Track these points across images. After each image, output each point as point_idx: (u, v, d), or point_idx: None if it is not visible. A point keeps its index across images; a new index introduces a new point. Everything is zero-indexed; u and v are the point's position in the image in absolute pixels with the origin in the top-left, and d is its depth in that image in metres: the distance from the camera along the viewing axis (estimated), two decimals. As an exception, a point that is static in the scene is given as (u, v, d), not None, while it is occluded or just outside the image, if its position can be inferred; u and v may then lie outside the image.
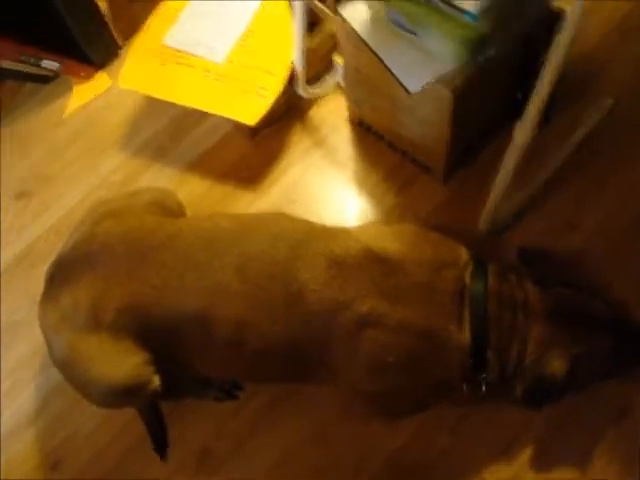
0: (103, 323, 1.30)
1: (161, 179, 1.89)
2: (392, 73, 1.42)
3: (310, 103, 1.93)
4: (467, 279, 1.34)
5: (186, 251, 1.34)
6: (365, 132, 1.87)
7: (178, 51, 1.80)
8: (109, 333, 1.30)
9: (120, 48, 2.11)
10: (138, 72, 1.81)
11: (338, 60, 1.82)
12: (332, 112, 1.94)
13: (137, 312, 1.31)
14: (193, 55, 1.79)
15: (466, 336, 1.29)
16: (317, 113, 1.94)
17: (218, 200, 1.84)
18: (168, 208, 1.54)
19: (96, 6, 1.92)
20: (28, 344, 1.74)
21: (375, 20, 1.49)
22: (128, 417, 1.58)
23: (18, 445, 1.65)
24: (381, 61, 1.44)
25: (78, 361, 1.31)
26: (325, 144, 1.89)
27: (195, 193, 1.83)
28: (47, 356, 1.65)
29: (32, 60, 1.94)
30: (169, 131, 1.97)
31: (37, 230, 1.91)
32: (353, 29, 1.50)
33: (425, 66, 1.41)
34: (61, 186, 1.96)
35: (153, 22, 1.86)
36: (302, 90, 1.83)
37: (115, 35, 2.07)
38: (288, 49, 1.74)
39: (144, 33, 1.85)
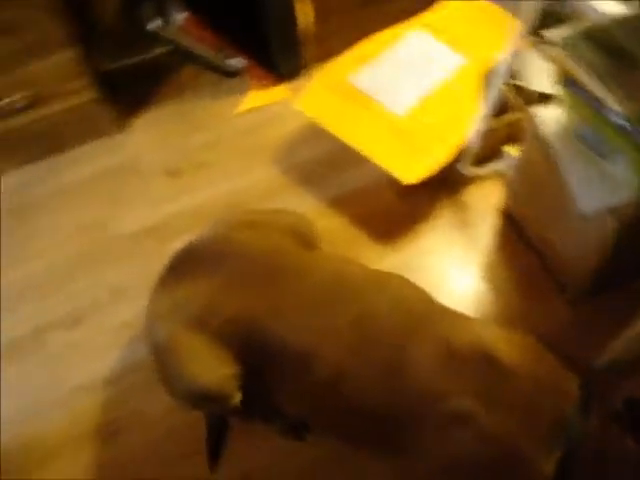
0: (210, 326, 1.31)
1: (302, 204, 1.92)
2: (568, 185, 1.39)
3: (466, 180, 1.92)
4: (569, 411, 1.28)
5: (312, 286, 1.35)
6: (510, 226, 1.84)
7: (361, 92, 1.82)
8: (211, 337, 1.31)
9: (305, 68, 2.16)
10: (317, 100, 1.85)
11: (509, 150, 1.80)
12: (483, 196, 1.92)
13: (245, 328, 1.31)
14: (375, 100, 1.81)
15: (550, 468, 1.23)
16: (469, 192, 1.92)
17: (349, 241, 1.85)
18: (305, 237, 1.54)
19: (294, 24, 1.97)
20: (129, 313, 1.79)
21: (565, 129, 1.47)
22: (194, 416, 1.59)
23: (86, 401, 1.69)
24: (560, 169, 1.42)
25: (174, 353, 1.33)
26: (467, 224, 1.87)
27: (330, 228, 1.84)
28: (140, 330, 1.73)
29: (224, 55, 2.00)
30: (325, 162, 2.00)
31: (175, 208, 1.97)
32: (542, 131, 1.47)
33: (602, 188, 1.38)
34: (210, 176, 2.03)
35: (345, 58, 1.90)
36: (465, 168, 1.83)
37: (305, 55, 2.12)
38: (466, 123, 1.73)
39: (334, 66, 1.89)
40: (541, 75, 1.60)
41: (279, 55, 2.07)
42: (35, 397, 1.71)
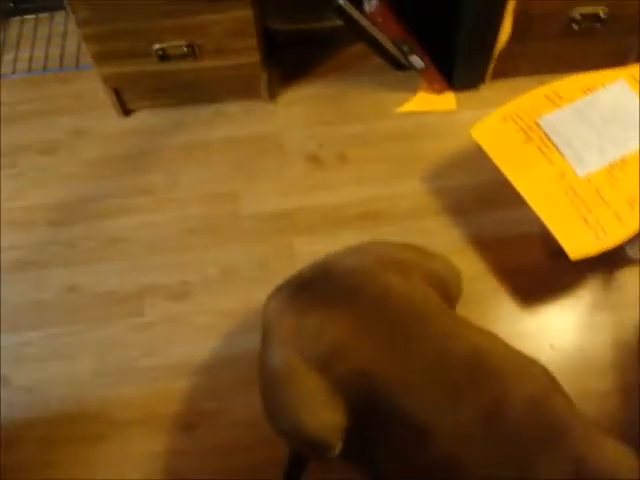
0: (332, 371, 1.23)
1: (443, 236, 1.80)
2: None
3: (629, 262, 1.76)
4: None
5: (449, 360, 1.24)
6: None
7: (547, 138, 1.67)
8: (330, 382, 1.24)
9: (483, 83, 2.02)
10: (495, 131, 1.71)
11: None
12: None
13: (368, 383, 1.23)
14: (558, 151, 1.66)
15: None
16: (628, 275, 1.76)
17: (485, 292, 1.74)
18: (450, 291, 1.44)
19: (494, 40, 1.83)
20: (235, 300, 1.74)
21: None
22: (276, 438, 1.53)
23: (169, 382, 1.65)
24: None
25: (287, 386, 1.26)
26: (615, 309, 1.72)
27: (468, 272, 1.69)
28: (245, 324, 1.68)
29: (404, 48, 1.87)
30: (480, 195, 1.87)
31: (307, 201, 1.88)
32: None
33: None
34: (351, 174, 1.93)
35: (537, 95, 1.74)
36: (633, 250, 1.68)
37: (490, 71, 1.97)
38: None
39: (523, 101, 1.73)
40: None
41: (462, 65, 1.93)
42: (119, 364, 1.67)
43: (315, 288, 1.34)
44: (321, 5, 1.86)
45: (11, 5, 2.37)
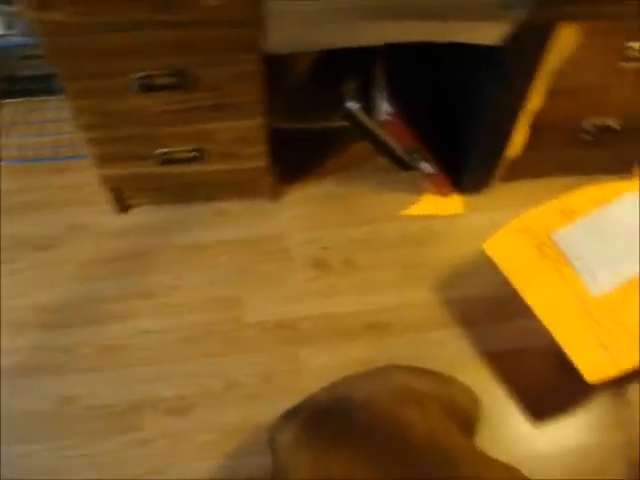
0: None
1: (450, 348, 1.82)
2: None
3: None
4: None
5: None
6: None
7: (562, 255, 1.70)
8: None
9: (487, 187, 2.06)
10: (508, 246, 1.73)
11: None
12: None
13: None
14: (572, 267, 1.69)
15: None
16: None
17: (498, 408, 1.74)
18: (466, 419, 1.44)
19: (505, 151, 1.87)
20: (238, 415, 1.73)
21: None
22: None
23: None
24: None
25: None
26: (630, 428, 1.73)
27: (480, 387, 1.69)
28: (248, 442, 1.67)
29: (415, 155, 1.91)
30: (489, 305, 1.89)
31: (313, 309, 1.89)
32: None
33: None
34: (358, 281, 1.94)
35: (552, 208, 1.77)
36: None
37: (494, 176, 2.02)
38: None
39: (537, 214, 1.76)
40: None
41: (471, 171, 1.97)
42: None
43: (331, 423, 1.33)
44: (330, 109, 1.89)
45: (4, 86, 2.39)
